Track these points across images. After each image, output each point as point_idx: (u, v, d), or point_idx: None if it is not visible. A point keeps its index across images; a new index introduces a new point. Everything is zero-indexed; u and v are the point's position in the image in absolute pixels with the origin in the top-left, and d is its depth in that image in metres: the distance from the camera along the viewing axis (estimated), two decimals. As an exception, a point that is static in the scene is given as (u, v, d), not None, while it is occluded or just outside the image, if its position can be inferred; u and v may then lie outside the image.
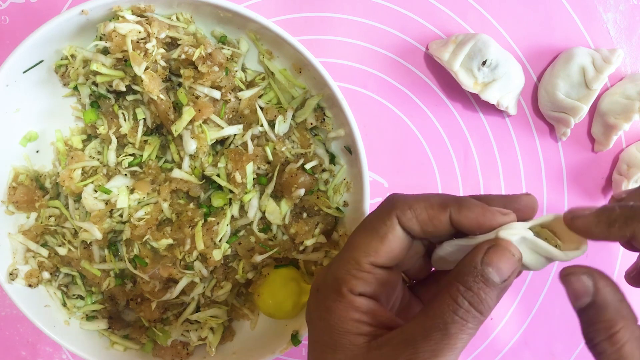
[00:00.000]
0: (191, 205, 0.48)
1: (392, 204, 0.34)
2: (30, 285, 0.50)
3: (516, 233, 0.31)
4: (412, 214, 0.33)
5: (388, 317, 0.33)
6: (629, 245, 0.31)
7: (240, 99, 0.47)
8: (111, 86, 0.47)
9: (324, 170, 0.49)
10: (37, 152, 0.50)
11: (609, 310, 0.30)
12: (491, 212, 0.33)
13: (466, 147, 0.55)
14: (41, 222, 0.50)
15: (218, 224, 0.47)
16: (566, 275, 0.31)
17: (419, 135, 0.54)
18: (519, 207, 0.34)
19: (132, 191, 0.47)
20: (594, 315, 0.30)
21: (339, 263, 0.34)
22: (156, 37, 0.45)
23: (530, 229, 0.32)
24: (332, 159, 0.50)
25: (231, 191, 0.48)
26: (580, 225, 0.31)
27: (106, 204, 0.47)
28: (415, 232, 0.34)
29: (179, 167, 0.48)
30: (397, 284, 0.37)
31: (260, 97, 0.49)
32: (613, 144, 0.53)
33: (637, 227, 0.30)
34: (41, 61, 0.47)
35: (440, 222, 0.33)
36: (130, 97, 0.47)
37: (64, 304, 0.51)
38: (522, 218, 0.34)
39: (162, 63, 0.46)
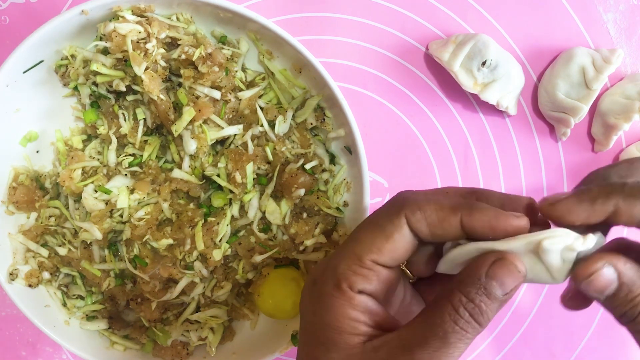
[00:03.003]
0: (191, 205, 0.48)
1: (402, 203, 0.32)
2: (30, 285, 0.50)
3: (559, 242, 0.30)
4: (422, 215, 0.32)
5: (386, 318, 0.33)
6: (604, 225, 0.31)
7: (240, 99, 0.47)
8: (111, 86, 0.47)
9: (324, 170, 0.49)
10: (37, 152, 0.50)
11: (638, 283, 0.30)
12: (505, 215, 0.31)
13: (466, 147, 0.55)
14: (41, 222, 0.50)
15: (218, 224, 0.47)
16: (587, 279, 0.30)
17: (419, 135, 0.54)
18: (519, 208, 0.33)
19: (132, 191, 0.47)
20: (626, 295, 0.30)
21: (340, 257, 0.33)
22: (156, 37, 0.45)
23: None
24: (332, 159, 0.50)
25: (231, 191, 0.48)
26: (563, 209, 0.31)
27: (106, 204, 0.47)
28: (423, 235, 0.32)
29: (179, 167, 0.48)
30: (397, 283, 0.36)
31: (260, 97, 0.49)
32: (613, 144, 0.53)
33: (618, 200, 0.30)
34: (41, 61, 0.47)
35: (450, 225, 0.32)
36: (130, 97, 0.47)
37: (64, 304, 0.51)
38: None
39: (162, 63, 0.46)
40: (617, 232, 0.34)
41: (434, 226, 0.32)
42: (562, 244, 0.30)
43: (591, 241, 0.30)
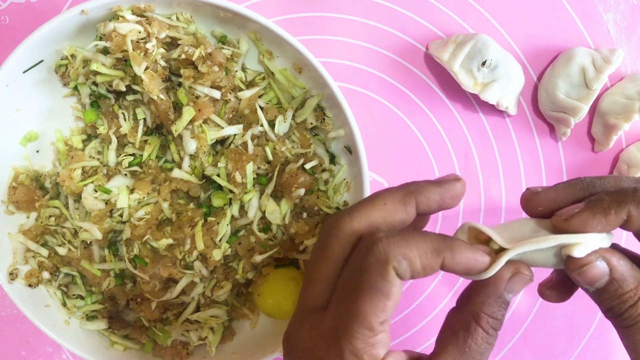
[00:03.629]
0: (191, 205, 0.48)
1: (387, 255, 0.31)
2: (30, 285, 0.50)
3: (594, 245, 0.32)
4: (407, 264, 0.31)
5: (412, 355, 0.34)
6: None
7: (240, 99, 0.47)
8: (111, 86, 0.47)
9: (324, 170, 0.49)
10: (37, 152, 0.50)
11: (628, 281, 0.31)
12: (479, 256, 0.32)
13: (466, 147, 0.55)
14: (41, 222, 0.50)
15: (218, 224, 0.47)
16: (580, 269, 0.32)
17: (419, 135, 0.54)
18: (450, 195, 0.34)
19: (132, 191, 0.47)
20: (615, 290, 0.32)
21: (350, 336, 0.31)
22: (156, 37, 0.45)
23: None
24: (332, 159, 0.50)
25: (231, 191, 0.48)
26: (578, 224, 0.32)
27: (106, 203, 0.47)
28: (404, 278, 0.32)
29: (179, 167, 0.48)
30: None
31: (260, 97, 0.49)
32: (613, 144, 0.53)
33: (631, 207, 0.31)
34: (41, 61, 0.47)
35: (432, 269, 0.32)
36: (130, 97, 0.47)
37: (64, 304, 0.51)
38: (448, 206, 0.34)
39: (162, 63, 0.46)
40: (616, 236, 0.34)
41: (417, 272, 0.32)
42: (589, 250, 0.32)
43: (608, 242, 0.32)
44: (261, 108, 0.48)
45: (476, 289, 0.33)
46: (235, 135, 0.48)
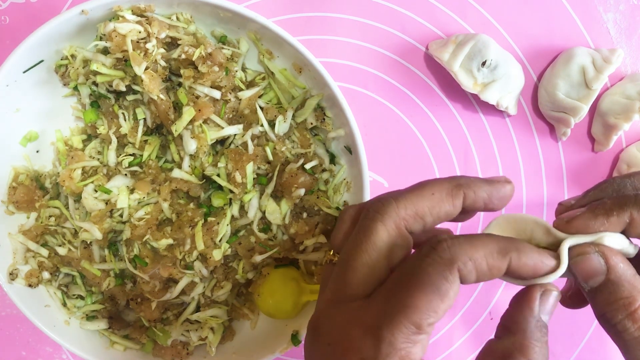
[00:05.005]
0: (191, 205, 0.48)
1: (452, 255, 0.29)
2: (30, 285, 0.50)
3: (619, 243, 0.31)
4: (473, 266, 0.29)
5: None
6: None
7: (240, 99, 0.47)
8: (111, 86, 0.47)
9: (324, 170, 0.49)
10: (37, 152, 0.50)
11: (625, 286, 0.30)
12: (545, 259, 0.31)
13: (466, 147, 0.55)
14: (41, 222, 0.50)
15: (218, 224, 0.47)
16: (576, 257, 0.31)
17: (419, 135, 0.54)
18: (499, 195, 0.33)
19: (132, 191, 0.47)
20: (610, 293, 0.30)
21: (394, 327, 0.29)
22: (156, 37, 0.45)
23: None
24: (332, 159, 0.50)
25: (231, 191, 0.48)
26: (579, 226, 0.31)
27: (106, 204, 0.47)
28: (468, 282, 0.30)
29: (179, 167, 0.48)
30: None
31: (260, 97, 0.49)
32: (613, 143, 0.53)
33: (633, 210, 0.30)
34: (41, 61, 0.47)
35: (499, 271, 0.30)
36: (130, 97, 0.47)
37: (64, 304, 0.51)
38: (494, 207, 0.33)
39: (162, 63, 0.46)
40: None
41: (483, 274, 0.30)
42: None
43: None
44: (261, 108, 0.48)
45: (512, 316, 0.32)
46: (235, 135, 0.48)
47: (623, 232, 0.31)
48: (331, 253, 0.36)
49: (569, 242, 0.31)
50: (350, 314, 0.31)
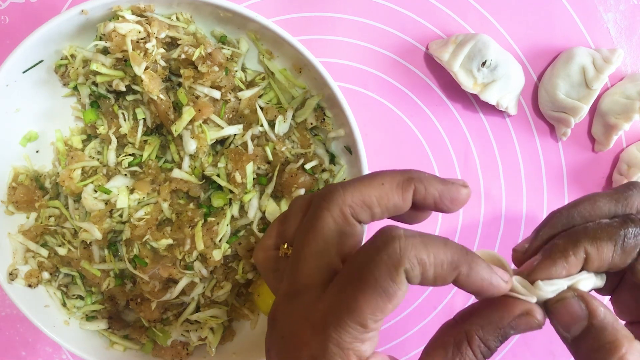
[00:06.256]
0: (191, 205, 0.48)
1: (400, 256, 0.28)
2: (30, 285, 0.50)
3: (591, 282, 0.30)
4: (419, 271, 0.28)
5: None
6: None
7: (240, 99, 0.47)
8: (111, 86, 0.47)
9: (324, 170, 0.49)
10: (37, 152, 0.50)
11: (609, 330, 0.29)
12: (498, 279, 0.30)
13: (466, 147, 0.55)
14: (41, 222, 0.50)
15: (218, 224, 0.47)
16: (555, 304, 0.30)
17: (419, 135, 0.54)
18: (450, 196, 0.32)
19: (132, 191, 0.47)
20: (595, 339, 0.29)
21: (340, 328, 0.29)
22: (156, 37, 0.45)
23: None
24: (332, 159, 0.50)
25: (231, 191, 0.48)
26: (542, 274, 0.30)
27: (106, 204, 0.47)
28: (412, 283, 0.30)
29: (179, 167, 0.48)
30: None
31: (260, 97, 0.49)
32: (613, 143, 0.53)
33: (586, 244, 0.30)
34: (41, 61, 0.47)
35: (444, 282, 0.29)
36: (130, 97, 0.47)
37: (64, 304, 0.51)
38: (445, 208, 0.32)
39: (162, 63, 0.46)
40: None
41: (427, 281, 0.29)
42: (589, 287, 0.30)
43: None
44: (261, 108, 0.48)
45: (481, 309, 0.31)
46: (235, 135, 0.48)
47: (583, 268, 0.30)
48: (285, 246, 0.35)
49: (544, 286, 0.30)
50: (302, 309, 0.31)
